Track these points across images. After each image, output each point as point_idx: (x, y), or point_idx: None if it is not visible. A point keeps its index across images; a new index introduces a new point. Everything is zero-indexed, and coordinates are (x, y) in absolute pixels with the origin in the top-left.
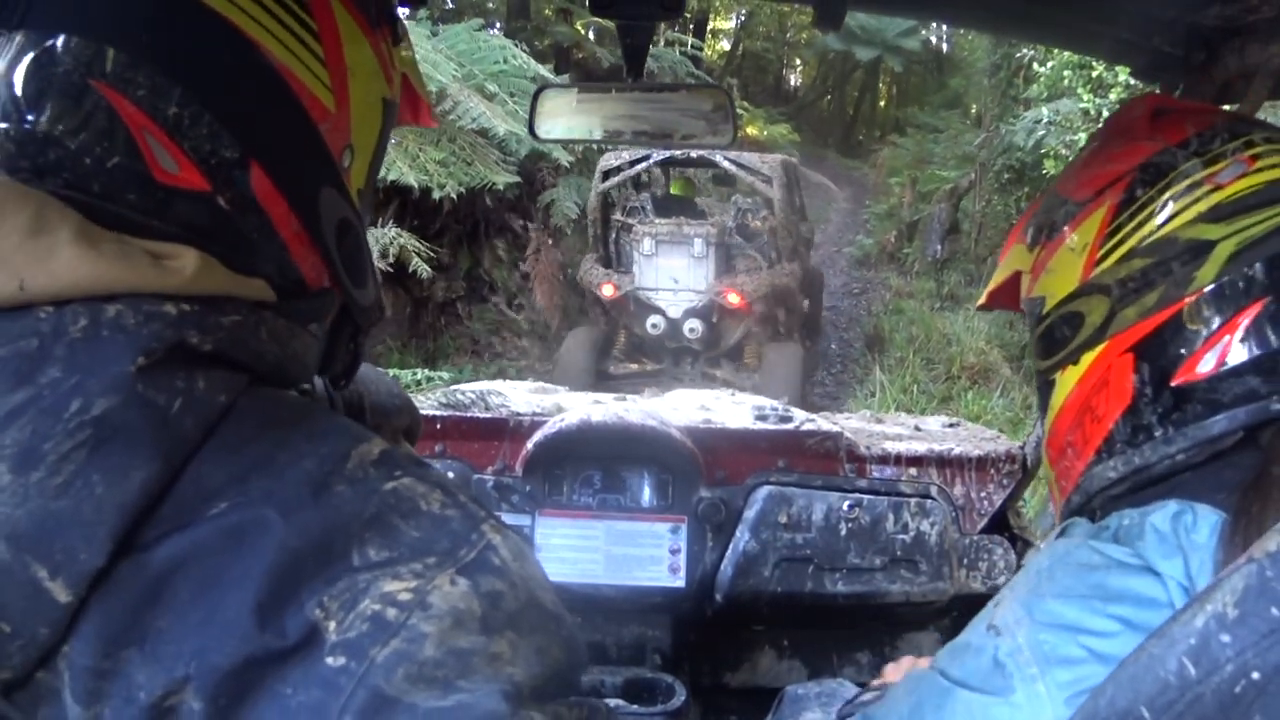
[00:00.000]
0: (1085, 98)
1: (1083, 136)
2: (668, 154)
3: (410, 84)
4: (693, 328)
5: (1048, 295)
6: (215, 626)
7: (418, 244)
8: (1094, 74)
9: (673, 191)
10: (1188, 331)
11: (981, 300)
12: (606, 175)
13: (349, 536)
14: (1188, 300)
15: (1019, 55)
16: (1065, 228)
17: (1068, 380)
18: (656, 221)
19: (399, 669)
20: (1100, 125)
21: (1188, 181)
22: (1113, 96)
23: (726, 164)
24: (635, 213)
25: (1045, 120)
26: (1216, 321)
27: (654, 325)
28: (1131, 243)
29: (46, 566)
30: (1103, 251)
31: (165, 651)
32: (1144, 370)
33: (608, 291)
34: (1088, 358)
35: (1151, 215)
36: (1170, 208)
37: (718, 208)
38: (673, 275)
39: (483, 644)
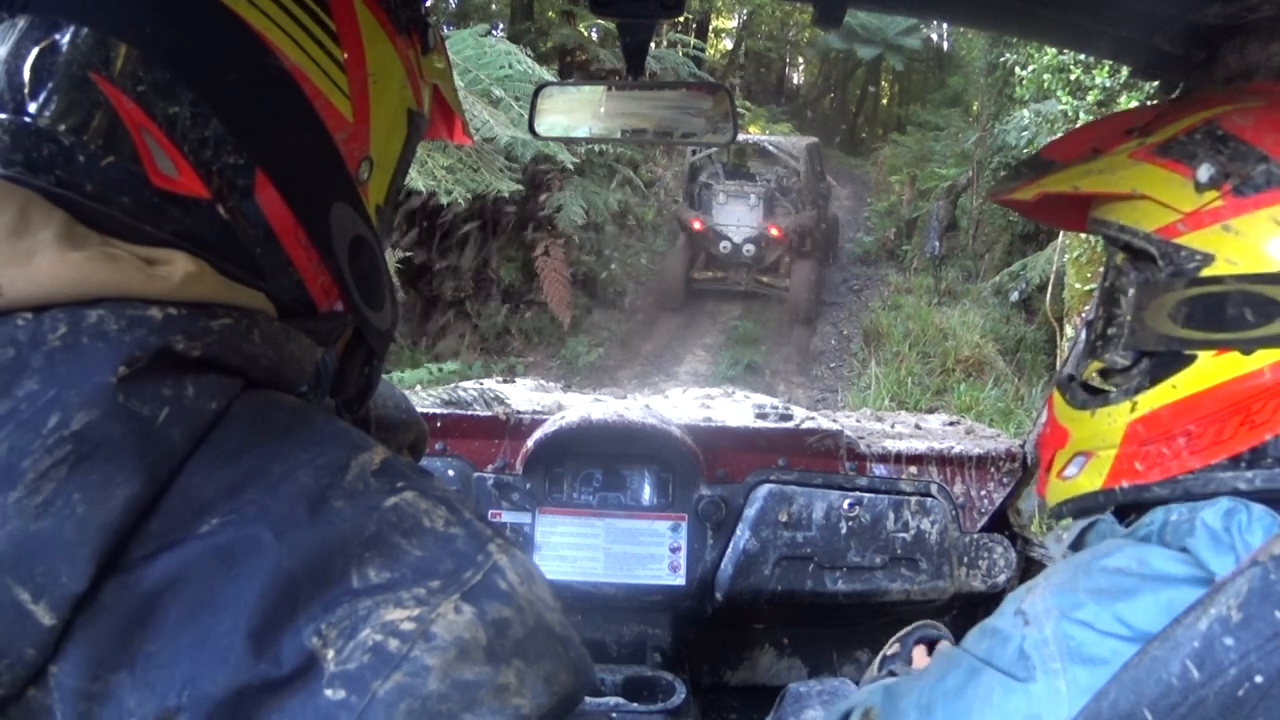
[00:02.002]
0: (1064, 100)
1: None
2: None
3: (441, 96)
4: (748, 249)
5: (1220, 257)
6: (207, 653)
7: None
8: (1072, 77)
9: (729, 163)
10: None
11: (1012, 195)
12: (694, 151)
13: (348, 557)
14: None
15: (1003, 59)
16: (1268, 192)
17: (1222, 367)
18: (726, 182)
19: (401, 704)
20: None
21: None
22: (1090, 99)
23: (769, 145)
24: (713, 176)
25: (1027, 121)
26: None
27: (724, 247)
28: None
29: (28, 589)
30: None
31: (156, 677)
32: None
33: (696, 225)
34: (1267, 356)
35: None
36: None
37: (763, 173)
38: (736, 216)
39: (489, 675)
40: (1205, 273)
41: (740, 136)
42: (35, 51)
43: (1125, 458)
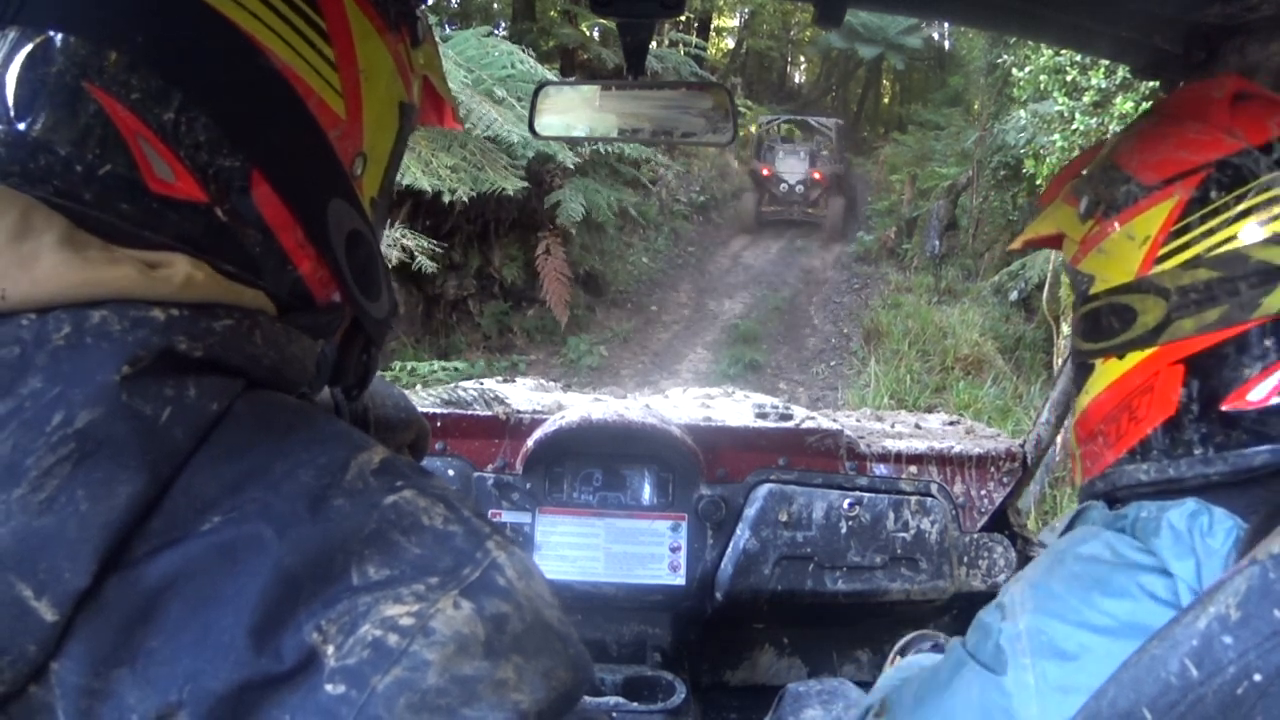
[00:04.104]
0: (1060, 101)
1: (1058, 137)
2: (789, 115)
3: (431, 85)
4: (800, 188)
5: (1097, 276)
6: (208, 649)
7: (427, 244)
8: (1068, 78)
9: (784, 133)
10: (1245, 357)
11: (1016, 245)
12: (760, 124)
13: (348, 554)
14: (1250, 325)
15: (1001, 60)
16: (1126, 210)
17: (1109, 371)
18: (783, 144)
19: (400, 698)
20: (1084, 126)
21: (1267, 195)
22: (1086, 99)
23: (811, 121)
24: (773, 140)
25: (1024, 122)
26: (1276, 353)
27: (783, 187)
28: (1198, 249)
29: (31, 585)
30: (1165, 250)
31: (157, 673)
32: (1193, 386)
33: (765, 172)
34: (1135, 357)
35: (1224, 224)
36: (1245, 222)
37: (807, 139)
38: (791, 165)
39: (487, 670)
40: (1091, 291)
41: (788, 116)
42: (28, 62)
43: (1083, 457)
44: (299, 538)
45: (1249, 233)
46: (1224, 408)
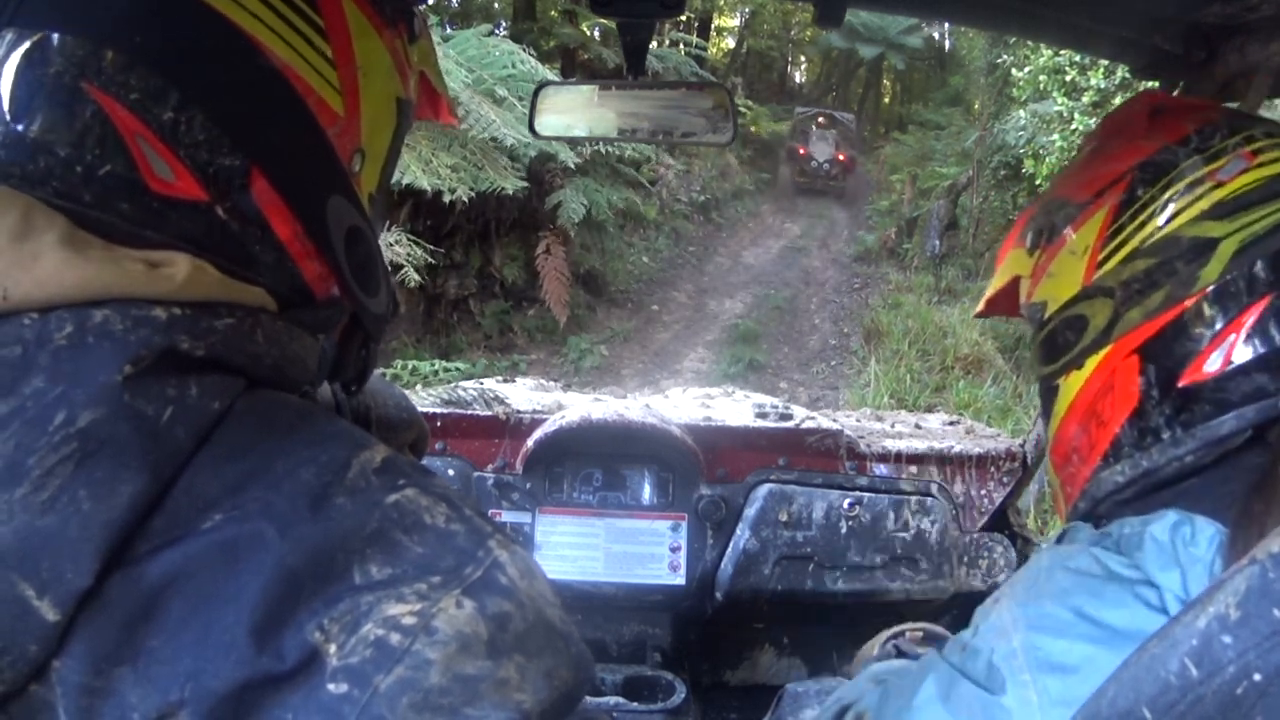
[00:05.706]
0: (1060, 101)
1: (1057, 137)
2: (818, 109)
3: (428, 80)
4: (827, 165)
5: (1049, 300)
6: (209, 648)
7: (421, 252)
8: (1067, 78)
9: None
10: (1193, 331)
11: (980, 308)
12: (796, 114)
13: (349, 553)
14: (1192, 300)
15: (1001, 60)
16: (1065, 230)
17: (1072, 385)
18: (814, 130)
19: (403, 697)
20: (1084, 126)
21: (1189, 179)
22: (1085, 100)
23: (835, 115)
24: (807, 126)
25: (1024, 122)
26: (1222, 320)
27: (814, 163)
28: (1134, 243)
29: (33, 585)
30: (1105, 253)
31: (158, 672)
32: (1150, 372)
33: (801, 151)
34: (1092, 361)
35: (1153, 215)
36: (1172, 207)
37: (832, 128)
38: (820, 147)
39: (490, 669)
40: (1045, 316)
41: (818, 110)
42: (26, 63)
43: (1063, 485)
44: (300, 536)
45: (1177, 215)
46: (1182, 384)
